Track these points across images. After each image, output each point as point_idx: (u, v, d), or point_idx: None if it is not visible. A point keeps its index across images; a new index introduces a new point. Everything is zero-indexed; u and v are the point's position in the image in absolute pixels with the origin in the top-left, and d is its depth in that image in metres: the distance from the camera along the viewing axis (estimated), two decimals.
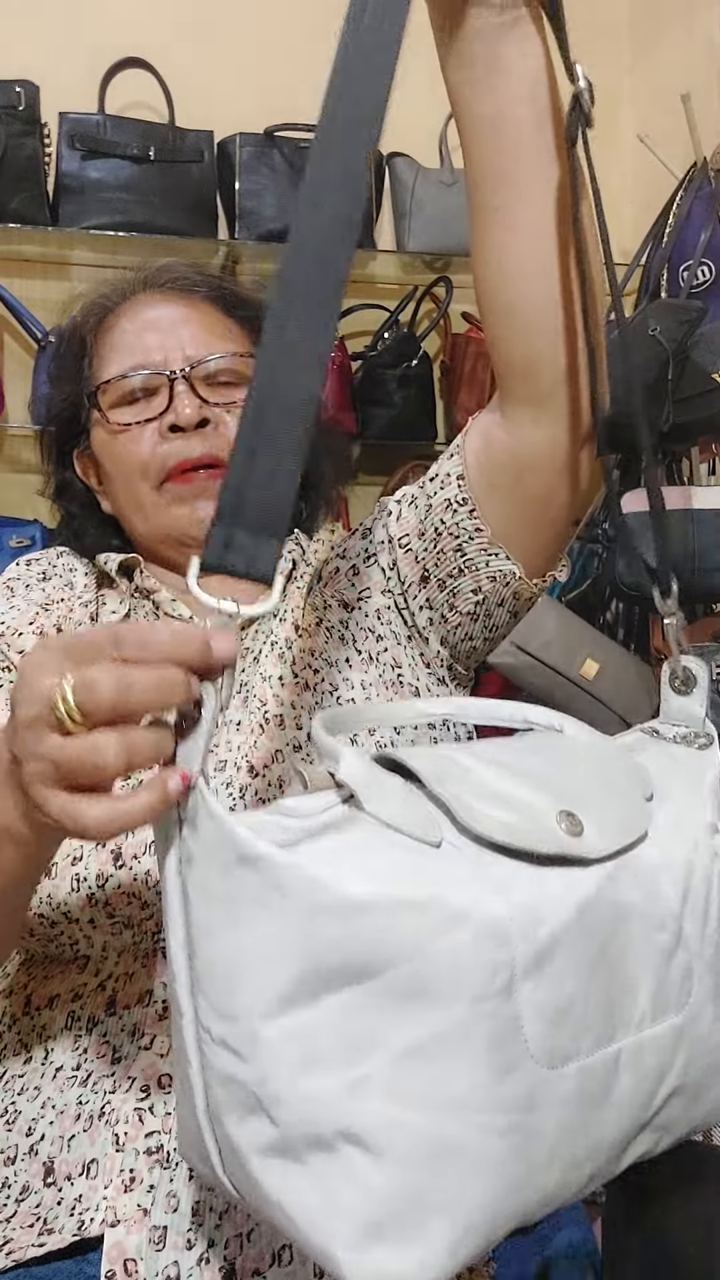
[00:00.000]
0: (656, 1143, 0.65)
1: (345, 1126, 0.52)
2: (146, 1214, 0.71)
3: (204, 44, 2.42)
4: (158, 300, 1.03)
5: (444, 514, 0.92)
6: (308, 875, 0.52)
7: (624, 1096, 0.60)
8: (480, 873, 0.56)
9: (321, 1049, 0.52)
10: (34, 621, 0.96)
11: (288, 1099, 0.52)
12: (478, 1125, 0.54)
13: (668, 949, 0.63)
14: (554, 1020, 0.57)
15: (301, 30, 2.48)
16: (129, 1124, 0.74)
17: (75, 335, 1.05)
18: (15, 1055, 0.84)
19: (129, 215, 2.22)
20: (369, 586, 0.98)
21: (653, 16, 2.57)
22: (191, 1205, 0.72)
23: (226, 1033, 0.53)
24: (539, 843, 0.58)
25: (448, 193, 2.35)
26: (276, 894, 0.52)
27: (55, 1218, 0.73)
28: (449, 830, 0.58)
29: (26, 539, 2.18)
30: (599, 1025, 0.59)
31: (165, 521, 0.98)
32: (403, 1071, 0.53)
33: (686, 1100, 0.64)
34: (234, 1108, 0.54)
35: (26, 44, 2.32)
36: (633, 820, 0.65)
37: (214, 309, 1.03)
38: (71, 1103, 0.78)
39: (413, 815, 0.57)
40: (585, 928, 0.59)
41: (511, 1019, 0.55)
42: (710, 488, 2.07)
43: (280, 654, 0.93)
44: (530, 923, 0.56)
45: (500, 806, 0.59)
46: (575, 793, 0.63)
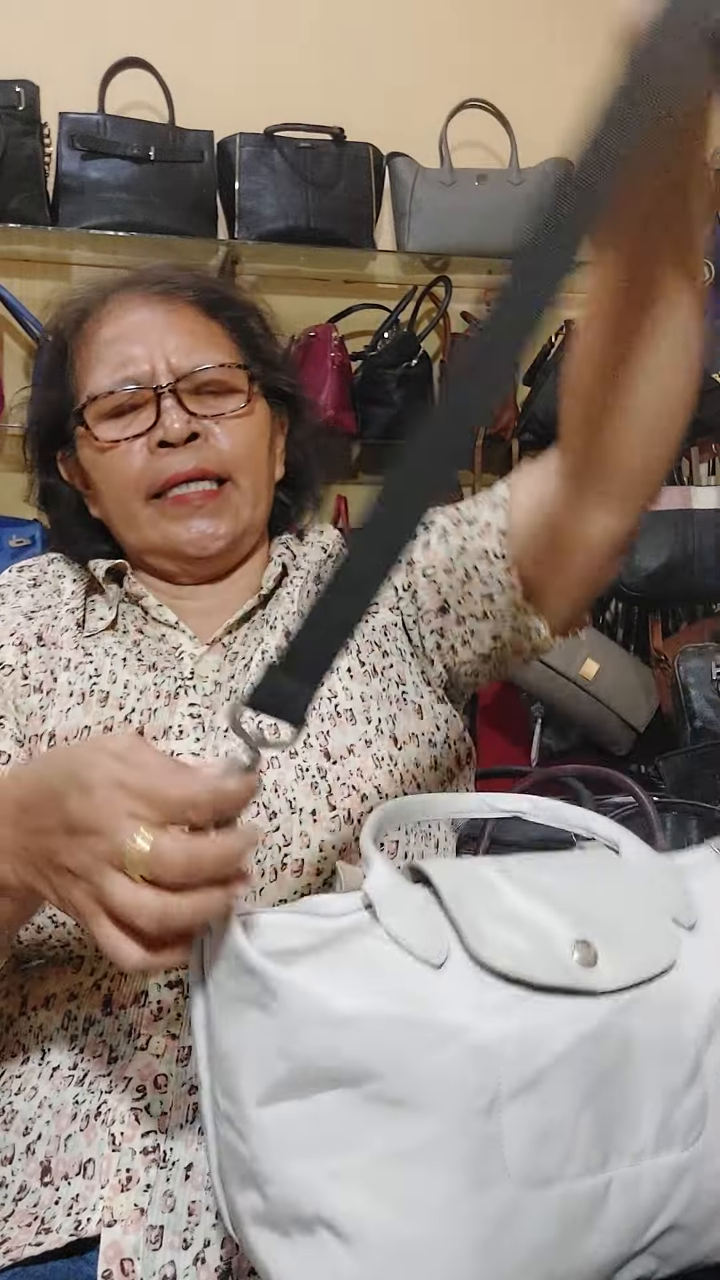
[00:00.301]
0: (654, 1271, 0.65)
1: (322, 1211, 0.56)
2: (143, 1214, 0.71)
3: (204, 44, 2.42)
4: (139, 304, 0.99)
5: (479, 560, 0.92)
6: (299, 990, 0.56)
7: (612, 1224, 0.61)
8: (479, 996, 0.59)
9: (307, 1137, 0.57)
10: (15, 633, 0.95)
11: (275, 1178, 0.57)
12: (449, 1233, 0.56)
13: (680, 1084, 0.63)
14: (537, 1143, 0.59)
15: (301, 30, 2.48)
16: (125, 1124, 0.74)
17: (56, 340, 1.03)
18: (13, 1056, 0.84)
19: (129, 215, 2.21)
20: (377, 602, 0.98)
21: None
22: (188, 1205, 0.72)
23: (229, 1110, 0.58)
24: (545, 973, 0.60)
25: (448, 193, 2.35)
26: (274, 1001, 0.57)
27: (52, 1217, 0.73)
28: (457, 950, 0.61)
29: (26, 539, 2.17)
30: (588, 1152, 0.60)
31: (158, 537, 0.97)
32: (381, 1170, 0.56)
33: (688, 1237, 0.64)
34: (235, 1177, 0.59)
35: (26, 44, 2.31)
36: (657, 953, 0.65)
37: (197, 312, 1.00)
38: (68, 1102, 0.78)
39: (422, 933, 0.60)
40: (584, 1057, 0.60)
41: (492, 1138, 0.58)
42: (710, 488, 2.07)
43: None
44: (522, 1050, 0.59)
45: (514, 931, 0.62)
46: (600, 920, 0.64)
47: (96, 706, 0.89)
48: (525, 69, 2.56)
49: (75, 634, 0.95)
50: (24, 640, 0.95)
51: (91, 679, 0.91)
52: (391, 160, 2.38)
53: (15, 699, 0.91)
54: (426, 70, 2.52)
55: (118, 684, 0.91)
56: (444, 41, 2.53)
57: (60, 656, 0.93)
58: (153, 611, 0.97)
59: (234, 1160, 0.59)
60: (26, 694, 0.92)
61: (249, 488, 0.98)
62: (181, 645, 0.95)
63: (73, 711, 0.89)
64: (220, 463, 0.96)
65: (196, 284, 1.02)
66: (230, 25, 2.45)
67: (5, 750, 0.89)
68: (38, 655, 0.94)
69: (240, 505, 0.97)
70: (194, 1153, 0.74)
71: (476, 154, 2.49)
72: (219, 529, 0.96)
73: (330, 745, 0.86)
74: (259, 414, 1.00)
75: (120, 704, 0.90)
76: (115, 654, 0.93)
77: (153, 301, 1.00)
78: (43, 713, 0.90)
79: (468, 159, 2.45)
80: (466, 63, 2.51)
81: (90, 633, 0.96)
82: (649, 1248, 0.63)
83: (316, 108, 2.33)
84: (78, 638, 0.95)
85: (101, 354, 0.98)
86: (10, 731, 0.90)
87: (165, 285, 1.00)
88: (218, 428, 0.96)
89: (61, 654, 0.93)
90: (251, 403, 0.99)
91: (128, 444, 0.96)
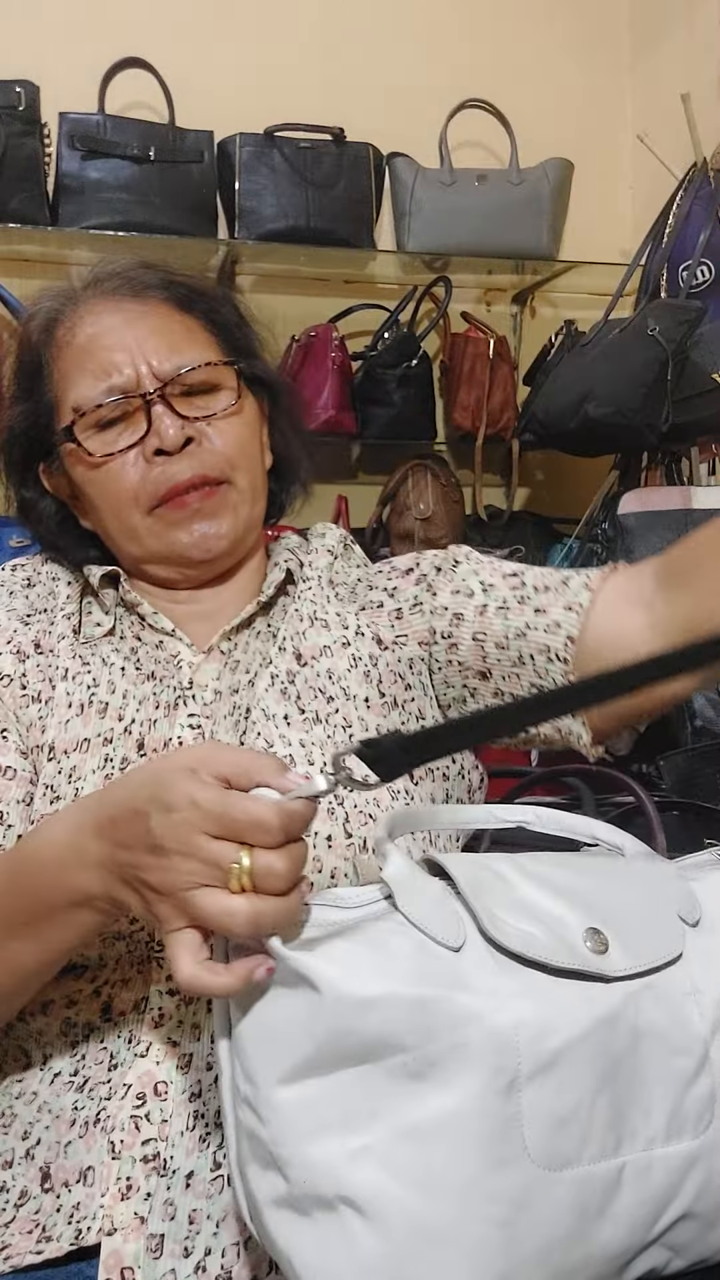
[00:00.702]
0: (667, 1262, 0.66)
1: (343, 1190, 0.57)
2: (144, 1222, 0.71)
3: (204, 44, 2.42)
4: (110, 307, 0.97)
5: (537, 653, 0.89)
6: (322, 972, 0.59)
7: (626, 1210, 0.62)
8: (496, 980, 0.61)
9: (329, 1116, 0.58)
10: (11, 640, 0.94)
11: (296, 1160, 0.58)
12: (469, 1212, 0.58)
13: (688, 1074, 0.65)
14: (555, 1126, 0.60)
15: (301, 30, 2.48)
16: (125, 1131, 0.74)
17: (29, 351, 1.00)
18: (14, 1060, 0.84)
19: (129, 215, 2.21)
20: (408, 635, 0.95)
21: (653, 16, 2.56)
22: (189, 1213, 0.72)
23: (250, 1094, 0.60)
24: (558, 957, 0.63)
25: (448, 193, 2.35)
26: (302, 983, 0.59)
27: (53, 1225, 0.73)
28: (474, 935, 0.63)
29: (26, 539, 2.17)
30: (603, 1137, 0.62)
31: (161, 546, 0.95)
32: (402, 1148, 0.58)
33: (699, 1226, 0.65)
34: (255, 1161, 0.60)
35: (26, 44, 2.31)
36: (664, 943, 0.67)
37: (171, 309, 0.97)
38: (67, 1108, 0.78)
39: (441, 919, 0.62)
40: (598, 1042, 0.62)
41: (513, 1118, 0.59)
42: (710, 488, 2.07)
43: (283, 689, 0.91)
44: (539, 1032, 0.60)
45: (528, 919, 0.64)
46: (610, 911, 0.67)
47: (95, 718, 0.89)
48: (525, 69, 2.56)
49: (72, 641, 0.94)
50: (21, 648, 0.94)
51: (90, 689, 0.91)
52: (391, 160, 2.38)
53: (16, 710, 0.91)
54: (426, 70, 2.51)
55: (116, 694, 0.90)
56: (444, 41, 2.53)
57: (58, 665, 0.92)
58: (149, 619, 0.96)
59: (254, 1144, 0.60)
60: (26, 704, 0.91)
61: (246, 486, 0.97)
62: (180, 653, 0.94)
63: (72, 723, 0.89)
64: (217, 465, 0.95)
65: (163, 281, 0.99)
66: (230, 25, 2.45)
67: (11, 765, 0.88)
68: (35, 664, 0.93)
69: (239, 504, 0.96)
70: (194, 1160, 0.73)
71: (476, 154, 2.49)
72: (221, 529, 0.95)
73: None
74: (249, 409, 0.99)
75: (120, 714, 0.89)
76: (113, 663, 0.93)
77: (124, 303, 0.97)
78: (42, 723, 0.90)
79: (468, 159, 2.45)
80: (466, 63, 2.51)
81: (87, 639, 0.95)
82: (661, 1238, 0.64)
83: (316, 108, 2.33)
84: (75, 645, 0.94)
85: (80, 362, 0.95)
86: (15, 744, 0.89)
87: (133, 285, 0.98)
88: (210, 429, 0.95)
89: (59, 663, 0.93)
90: (241, 399, 0.97)
91: (121, 456, 0.94)
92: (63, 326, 0.98)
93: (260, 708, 0.89)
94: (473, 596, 0.94)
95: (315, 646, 0.94)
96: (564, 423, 2.08)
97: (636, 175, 2.60)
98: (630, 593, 0.87)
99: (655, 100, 2.48)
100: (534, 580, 0.93)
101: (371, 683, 0.92)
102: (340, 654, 0.93)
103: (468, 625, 0.93)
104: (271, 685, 0.91)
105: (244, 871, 0.59)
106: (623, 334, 2.04)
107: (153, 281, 0.98)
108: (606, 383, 1.99)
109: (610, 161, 2.62)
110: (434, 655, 0.95)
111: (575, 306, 2.53)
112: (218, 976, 0.60)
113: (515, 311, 2.62)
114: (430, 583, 0.97)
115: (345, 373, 2.32)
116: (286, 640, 0.94)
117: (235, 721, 0.89)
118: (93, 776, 0.86)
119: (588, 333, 2.19)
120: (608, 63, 2.64)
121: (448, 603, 0.95)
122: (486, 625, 0.92)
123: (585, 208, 2.48)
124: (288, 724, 0.88)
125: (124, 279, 0.98)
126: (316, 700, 0.90)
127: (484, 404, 2.40)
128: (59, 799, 0.86)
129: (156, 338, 0.95)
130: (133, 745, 0.87)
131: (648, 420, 1.95)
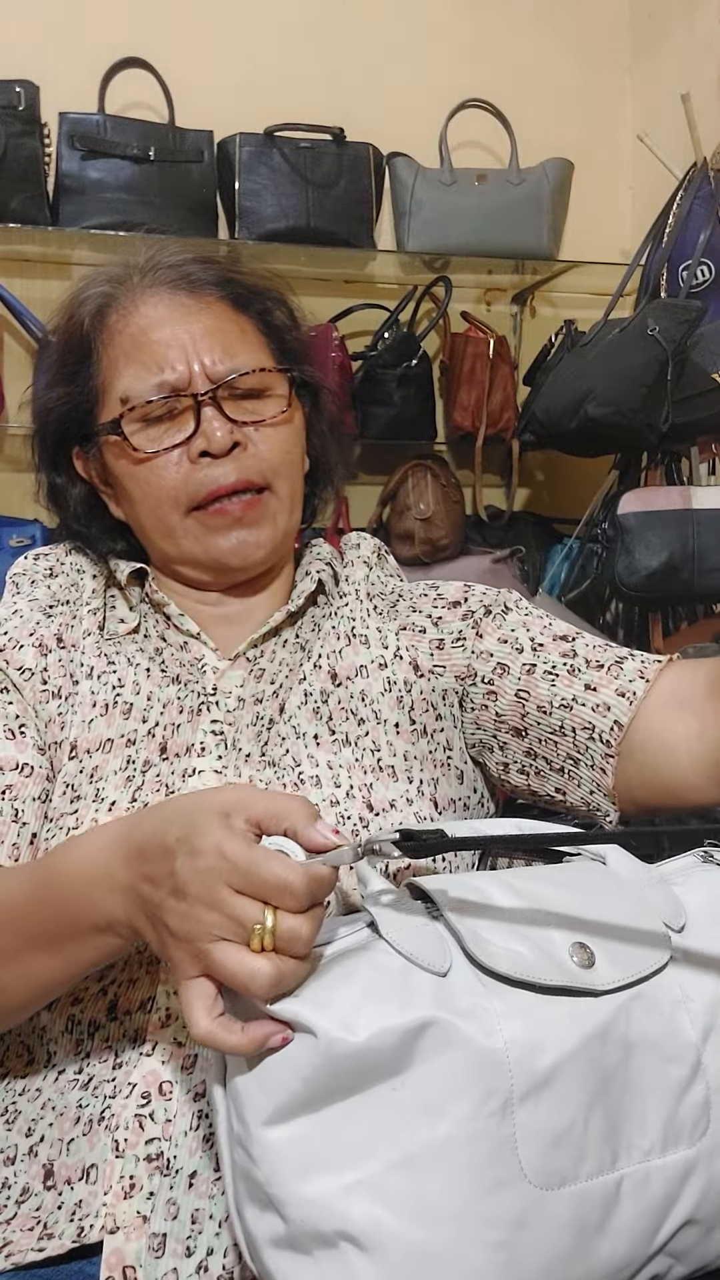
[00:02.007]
0: (669, 1269, 0.65)
1: (342, 1225, 0.57)
2: (146, 1221, 0.71)
3: (204, 44, 2.42)
4: (165, 299, 0.95)
5: (580, 730, 0.89)
6: (317, 1020, 0.58)
7: (626, 1224, 0.62)
8: (484, 1001, 0.61)
9: (321, 1153, 0.58)
10: (34, 633, 0.94)
11: (292, 1199, 0.58)
12: (467, 1237, 0.57)
13: (682, 1082, 0.65)
14: (550, 1144, 0.60)
15: (301, 30, 2.48)
16: (129, 1130, 0.74)
17: (76, 335, 0.98)
18: (18, 1056, 0.84)
19: (129, 215, 2.21)
20: (446, 666, 0.95)
21: (653, 16, 2.57)
22: (191, 1213, 0.72)
23: (242, 1134, 0.60)
24: (545, 975, 0.63)
25: (448, 193, 2.35)
26: (296, 1028, 0.59)
27: (55, 1222, 0.73)
28: (459, 958, 0.62)
29: (26, 539, 2.17)
30: (599, 1151, 0.62)
31: (198, 550, 0.94)
32: (396, 1178, 0.57)
33: (700, 1232, 0.65)
34: (252, 1202, 0.60)
35: (26, 44, 2.31)
36: (651, 953, 0.67)
37: (226, 308, 0.97)
38: (71, 1105, 0.78)
39: (425, 944, 0.62)
40: (590, 1057, 0.62)
41: (507, 1139, 0.59)
42: (710, 488, 2.07)
43: (315, 708, 0.90)
44: (530, 1051, 0.60)
45: (514, 938, 0.64)
46: (595, 924, 0.66)
47: (119, 719, 0.89)
48: (525, 69, 2.56)
49: (97, 638, 0.94)
50: (44, 641, 0.94)
51: (115, 689, 0.91)
52: (391, 160, 2.38)
53: (36, 705, 0.91)
54: (426, 70, 2.51)
55: (140, 695, 0.90)
56: (444, 41, 2.53)
57: (82, 662, 0.92)
58: (175, 620, 0.96)
59: (250, 1185, 0.60)
60: (46, 699, 0.91)
61: (287, 494, 0.96)
62: (204, 658, 0.94)
63: (95, 723, 0.89)
64: (261, 472, 0.94)
65: (220, 278, 0.98)
66: (230, 25, 2.45)
67: (28, 762, 0.88)
68: (57, 659, 0.93)
69: (278, 512, 0.96)
70: (198, 1160, 0.73)
71: (476, 154, 2.50)
72: (260, 537, 0.94)
73: (373, 798, 0.86)
74: (296, 417, 0.99)
75: (144, 716, 0.89)
76: (138, 663, 0.93)
77: (180, 297, 0.96)
78: (61, 719, 0.90)
79: (468, 159, 2.45)
80: (466, 63, 2.51)
81: (111, 636, 0.95)
82: (665, 1247, 0.64)
83: (316, 108, 2.33)
84: (100, 643, 0.94)
85: (131, 352, 0.94)
86: (32, 740, 0.90)
87: (190, 281, 0.96)
88: (257, 434, 0.94)
89: (84, 659, 0.92)
90: (291, 408, 0.97)
91: (165, 454, 0.93)
92: (116, 313, 0.96)
93: (291, 724, 0.89)
94: (522, 652, 0.93)
95: (352, 666, 0.94)
96: (564, 423, 2.08)
97: (636, 175, 2.60)
98: (682, 693, 0.87)
99: (655, 100, 2.49)
100: (586, 652, 0.92)
101: (404, 709, 0.92)
102: (376, 675, 0.93)
103: (512, 680, 0.93)
104: (305, 703, 0.91)
105: (267, 932, 0.59)
106: (623, 334, 2.04)
107: (210, 278, 0.97)
108: (606, 383, 1.99)
109: (610, 161, 2.62)
110: (468, 692, 0.94)
111: (575, 306, 2.54)
112: (233, 1036, 0.60)
113: (515, 311, 2.62)
114: (477, 622, 0.96)
115: (345, 373, 2.32)
116: (323, 658, 0.94)
117: (258, 732, 0.89)
118: (114, 777, 0.86)
119: (588, 333, 2.19)
120: (608, 63, 2.64)
121: (493, 649, 0.94)
122: (532, 685, 0.92)
123: (585, 208, 2.48)
124: (317, 744, 0.88)
125: (181, 273, 0.97)
126: (348, 722, 0.90)
127: (484, 404, 2.40)
128: (79, 798, 0.86)
129: (211, 337, 0.94)
130: (155, 748, 0.87)
131: (648, 420, 1.95)
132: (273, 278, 1.04)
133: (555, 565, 2.34)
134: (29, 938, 0.74)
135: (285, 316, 1.02)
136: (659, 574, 1.98)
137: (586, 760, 0.89)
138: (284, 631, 0.97)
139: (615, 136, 2.63)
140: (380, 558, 1.05)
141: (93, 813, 0.84)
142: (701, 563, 1.99)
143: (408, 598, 1.01)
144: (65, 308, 1.01)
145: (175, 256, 0.98)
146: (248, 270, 1.02)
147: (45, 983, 0.76)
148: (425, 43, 2.52)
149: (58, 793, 0.87)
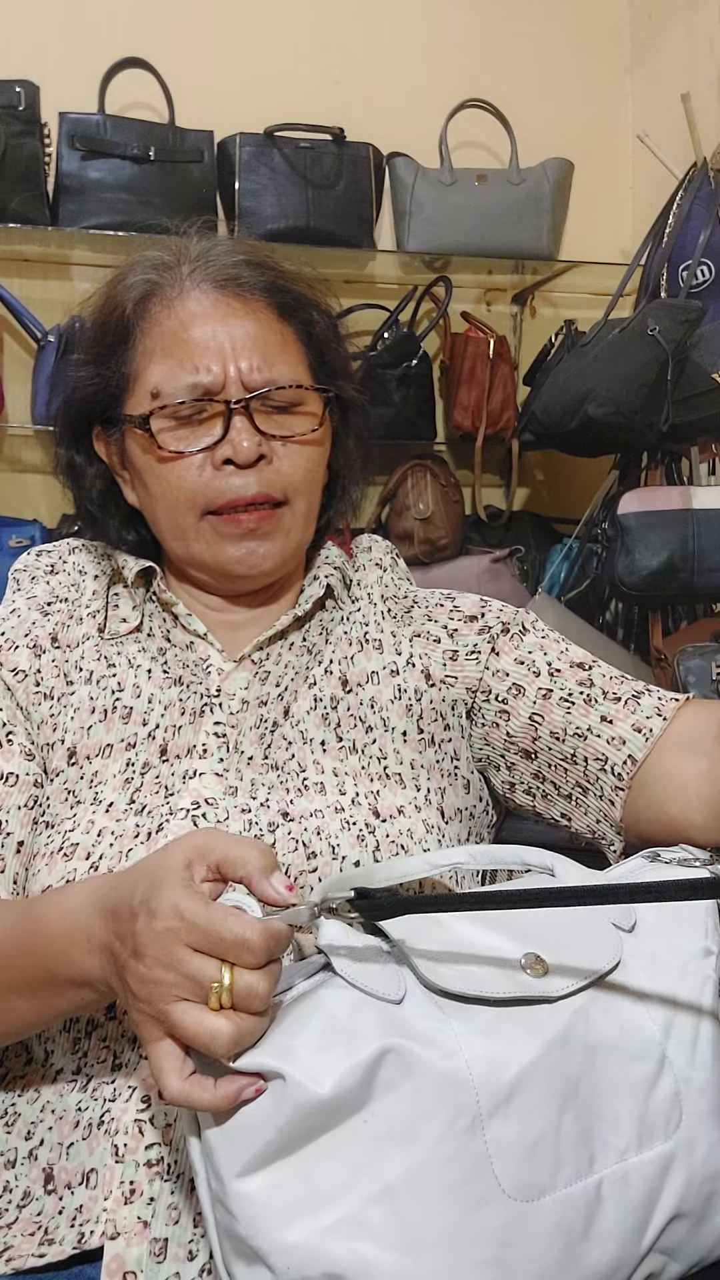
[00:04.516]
0: (663, 1267, 0.66)
1: (329, 1269, 0.57)
2: (147, 1226, 0.71)
3: (204, 44, 2.42)
4: (211, 297, 0.94)
5: (593, 760, 0.90)
6: (282, 1067, 0.58)
7: (610, 1227, 0.62)
8: (442, 1024, 0.62)
9: (299, 1197, 0.58)
10: (30, 633, 0.94)
11: (274, 1248, 0.58)
12: (454, 1260, 0.58)
13: (649, 1078, 0.66)
14: (525, 1156, 0.60)
15: (301, 30, 2.48)
16: (129, 1135, 0.74)
17: (116, 317, 0.96)
18: (16, 1056, 0.84)
19: (129, 215, 2.21)
20: (458, 677, 0.95)
21: (653, 16, 2.57)
22: (193, 1217, 0.72)
23: (219, 1190, 0.60)
24: (498, 988, 0.64)
25: (448, 193, 2.35)
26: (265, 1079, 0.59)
27: (56, 1228, 0.73)
28: (414, 984, 0.63)
29: (26, 539, 2.17)
30: (575, 1157, 0.62)
31: (207, 554, 0.94)
32: (375, 1212, 0.58)
33: (690, 1224, 0.66)
34: (238, 1258, 0.60)
35: (26, 44, 2.32)
36: (602, 954, 0.68)
37: (271, 316, 0.95)
38: (70, 1108, 0.78)
39: (379, 974, 0.63)
40: (553, 1064, 0.63)
41: (481, 1156, 0.59)
42: (710, 488, 2.07)
43: (324, 715, 0.91)
44: (492, 1067, 0.61)
45: (465, 958, 0.65)
46: (546, 933, 0.67)
47: (119, 723, 0.89)
48: (525, 69, 2.56)
49: (96, 641, 0.94)
50: (38, 642, 0.93)
51: (114, 694, 0.90)
52: (391, 160, 2.38)
53: (28, 707, 0.91)
54: (426, 70, 2.51)
55: (141, 698, 0.90)
56: (444, 41, 2.53)
57: (79, 665, 0.92)
58: (182, 620, 0.96)
59: (234, 1241, 0.59)
60: (38, 701, 0.91)
61: (304, 510, 0.95)
62: (209, 658, 0.94)
63: (94, 728, 0.89)
64: (281, 487, 0.93)
65: (269, 284, 0.96)
66: (230, 25, 2.45)
67: (14, 772, 0.88)
68: (51, 659, 0.93)
69: (292, 527, 0.95)
70: None
71: (476, 154, 2.49)
72: (270, 549, 0.94)
73: (380, 805, 0.86)
74: (325, 436, 0.97)
75: (144, 719, 0.89)
76: (139, 664, 0.93)
77: (227, 297, 0.94)
78: (54, 720, 0.90)
79: (468, 159, 2.45)
80: (466, 63, 2.51)
81: (112, 636, 0.95)
82: (656, 1245, 0.64)
83: (316, 108, 2.33)
84: (100, 646, 0.94)
85: (168, 346, 0.93)
86: (20, 746, 0.89)
87: (239, 283, 0.95)
88: (284, 449, 0.93)
89: (81, 662, 0.92)
90: (322, 427, 0.96)
91: (189, 457, 0.92)
92: (159, 302, 0.95)
93: (298, 729, 0.89)
94: (538, 676, 0.94)
95: (363, 672, 0.94)
96: (564, 423, 2.08)
97: (636, 175, 2.60)
98: (695, 734, 0.88)
99: (655, 100, 2.49)
100: (603, 683, 0.93)
101: (412, 717, 0.92)
102: (387, 682, 0.93)
103: (526, 702, 0.93)
104: (314, 708, 0.91)
105: (224, 990, 0.59)
106: (623, 334, 2.04)
107: (258, 283, 0.95)
108: (606, 383, 1.99)
109: (610, 161, 2.62)
110: (478, 705, 0.95)
111: (575, 306, 2.54)
112: (206, 1094, 0.60)
113: (515, 311, 2.62)
114: (494, 638, 0.97)
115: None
116: (334, 664, 0.94)
117: (261, 734, 0.89)
118: (114, 780, 0.86)
119: (588, 333, 2.19)
120: (608, 63, 2.64)
121: (509, 669, 0.95)
122: (546, 711, 0.92)
123: (585, 208, 2.48)
124: (324, 750, 0.89)
125: (230, 274, 0.95)
126: (356, 729, 0.90)
127: (484, 404, 2.40)
128: (79, 803, 0.86)
129: (251, 345, 0.93)
130: (155, 750, 0.87)
131: (648, 420, 1.95)
132: (321, 288, 1.03)
133: (555, 565, 2.34)
134: (7, 983, 0.75)
135: (328, 330, 1.00)
136: (659, 574, 1.98)
137: (596, 790, 0.90)
138: (291, 635, 0.97)
139: (615, 136, 2.63)
140: (393, 561, 1.06)
141: (90, 815, 0.85)
142: (701, 562, 1.99)
143: (423, 605, 1.01)
144: (107, 286, 0.99)
145: (228, 255, 0.97)
146: (298, 277, 1.00)
147: (18, 1024, 0.77)
148: (425, 43, 2.52)
149: (57, 799, 0.87)
